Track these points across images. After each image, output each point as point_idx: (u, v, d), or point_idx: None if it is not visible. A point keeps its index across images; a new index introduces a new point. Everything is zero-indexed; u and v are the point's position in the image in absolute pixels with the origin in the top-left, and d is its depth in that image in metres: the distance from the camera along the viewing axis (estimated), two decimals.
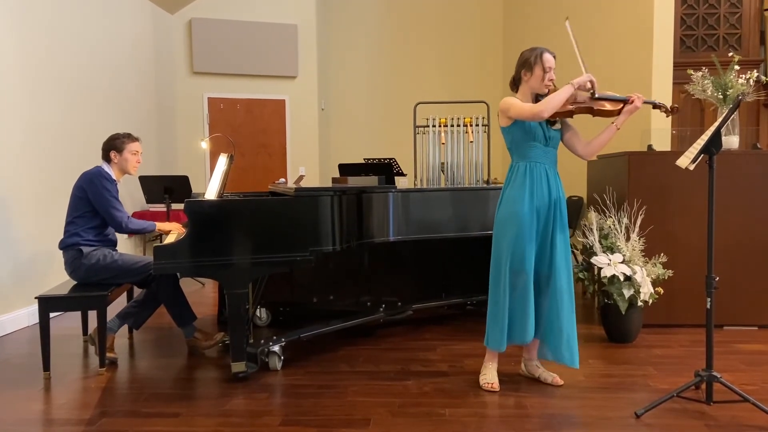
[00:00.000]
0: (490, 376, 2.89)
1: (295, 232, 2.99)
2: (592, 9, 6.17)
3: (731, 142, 3.98)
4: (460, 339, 3.71)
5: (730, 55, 3.89)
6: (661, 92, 5.29)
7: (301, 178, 5.62)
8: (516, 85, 2.91)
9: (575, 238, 5.70)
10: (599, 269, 3.53)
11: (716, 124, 2.52)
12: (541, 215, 2.79)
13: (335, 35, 7.98)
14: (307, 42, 7.35)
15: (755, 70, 3.84)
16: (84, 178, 3.36)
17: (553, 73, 2.80)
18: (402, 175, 4.77)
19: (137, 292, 3.74)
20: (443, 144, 4.61)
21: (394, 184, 3.97)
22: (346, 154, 7.61)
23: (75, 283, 3.36)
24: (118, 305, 3.96)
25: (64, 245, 3.33)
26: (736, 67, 3.81)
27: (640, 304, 3.51)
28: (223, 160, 3.48)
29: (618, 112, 2.81)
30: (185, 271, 2.92)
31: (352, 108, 8.07)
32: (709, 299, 2.57)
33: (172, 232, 3.48)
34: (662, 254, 3.67)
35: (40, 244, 4.41)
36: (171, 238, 3.30)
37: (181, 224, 3.59)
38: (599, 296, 3.66)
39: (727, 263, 3.84)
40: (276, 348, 3.19)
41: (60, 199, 4.41)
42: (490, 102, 4.81)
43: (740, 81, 3.79)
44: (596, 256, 3.60)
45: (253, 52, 7.17)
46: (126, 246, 5.72)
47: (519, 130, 2.80)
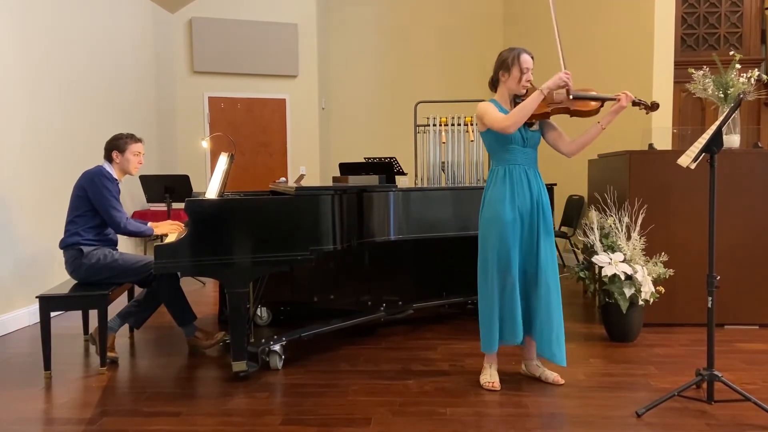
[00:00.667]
0: (490, 375, 2.89)
1: (295, 231, 2.99)
2: (593, 8, 6.17)
3: (732, 140, 3.97)
4: (461, 338, 3.71)
5: (731, 53, 3.88)
6: (661, 91, 5.29)
7: (302, 177, 5.62)
8: (494, 86, 2.90)
9: (576, 237, 5.70)
10: (600, 268, 3.53)
11: (717, 123, 2.51)
12: (525, 217, 2.79)
13: (335, 34, 7.98)
14: (307, 41, 7.34)
15: (756, 69, 3.83)
16: (84, 177, 3.36)
17: (530, 74, 2.79)
18: (402, 174, 4.77)
19: (138, 291, 3.74)
20: (444, 143, 4.60)
21: (395, 183, 3.97)
22: (346, 153, 7.60)
23: (75, 282, 3.36)
24: (119, 304, 3.96)
25: (64, 245, 3.33)
26: (737, 66, 3.80)
27: (640, 303, 3.50)
28: (223, 160, 3.48)
29: (597, 112, 2.79)
30: (186, 271, 2.93)
31: (353, 107, 8.07)
32: (711, 298, 2.57)
33: (171, 234, 3.47)
34: (663, 253, 3.67)
35: (41, 244, 4.41)
36: (172, 237, 3.30)
37: (182, 222, 3.58)
38: (600, 295, 3.65)
39: (729, 262, 3.84)
40: (277, 347, 3.19)
41: (60, 199, 4.41)
42: (488, 99, 4.79)
43: (741, 80, 3.79)
44: (597, 255, 3.59)
45: (254, 52, 7.16)
46: (126, 245, 5.72)
47: (496, 134, 2.80)
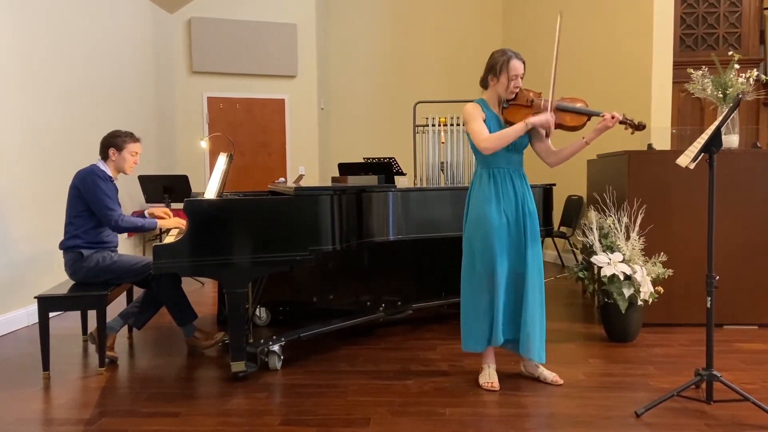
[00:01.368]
0: (489, 375, 2.89)
1: (294, 231, 2.98)
2: (592, 8, 6.17)
3: (731, 141, 3.97)
4: (460, 338, 3.69)
5: (730, 54, 3.89)
6: (660, 91, 5.30)
7: (301, 177, 5.62)
8: (485, 85, 2.90)
9: (575, 237, 5.70)
10: (599, 268, 3.53)
11: (716, 123, 2.52)
12: (511, 220, 2.79)
13: (335, 34, 7.98)
14: (306, 41, 7.34)
15: (755, 69, 3.84)
16: (78, 177, 3.34)
17: (520, 81, 2.78)
18: (402, 174, 4.76)
19: (137, 291, 3.74)
20: (443, 143, 4.60)
21: (394, 183, 3.97)
22: (345, 154, 7.60)
23: (74, 282, 3.36)
24: (118, 304, 3.96)
25: (64, 246, 3.32)
26: (736, 66, 3.80)
27: (640, 303, 3.51)
28: (222, 160, 3.48)
29: (582, 127, 2.79)
30: (185, 271, 2.92)
31: (352, 107, 8.07)
32: (710, 298, 2.57)
33: (171, 233, 3.47)
34: (662, 253, 3.67)
35: (40, 244, 4.41)
36: (170, 238, 3.29)
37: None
38: (599, 295, 3.65)
39: (728, 262, 3.84)
40: (276, 347, 3.19)
41: (59, 199, 4.40)
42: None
43: (740, 80, 3.79)
44: (596, 255, 3.59)
45: (253, 52, 7.16)
46: (126, 245, 5.72)
47: None
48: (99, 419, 2.56)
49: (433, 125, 4.63)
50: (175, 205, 5.21)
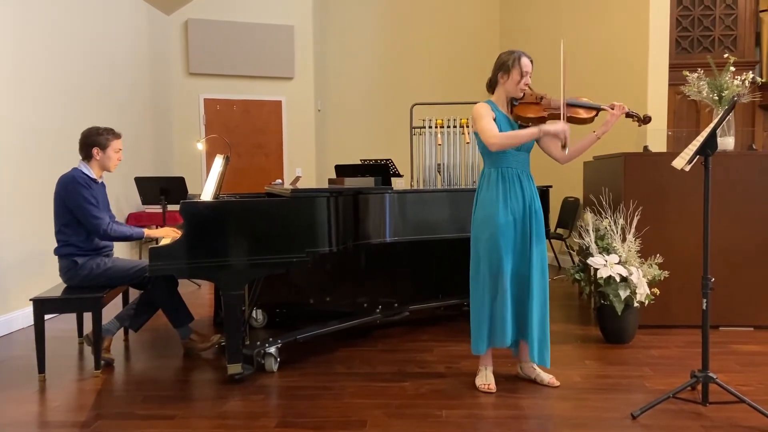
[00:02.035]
0: (486, 377, 2.89)
1: (291, 233, 2.98)
2: (588, 11, 6.19)
3: (727, 143, 3.99)
4: (457, 340, 3.70)
5: (726, 56, 3.90)
6: (656, 93, 5.31)
7: (298, 179, 5.61)
8: (492, 87, 2.91)
9: (571, 239, 5.71)
10: (595, 270, 3.54)
11: (712, 126, 2.52)
12: (518, 220, 2.80)
13: (332, 36, 7.98)
14: (303, 43, 7.34)
15: (750, 72, 3.87)
16: (60, 185, 3.26)
17: (529, 78, 2.81)
18: (398, 176, 4.76)
19: (133, 293, 3.73)
20: (440, 145, 4.61)
21: (391, 185, 3.97)
22: (342, 155, 7.61)
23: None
24: (114, 306, 3.95)
25: (59, 253, 3.29)
26: (732, 69, 3.82)
27: (636, 305, 3.51)
28: (219, 161, 3.47)
29: (592, 120, 2.81)
30: (181, 273, 2.91)
31: (349, 109, 8.07)
32: (705, 300, 2.58)
33: (165, 238, 3.44)
34: (658, 255, 3.68)
35: (34, 246, 4.39)
36: (167, 240, 3.28)
37: (176, 226, 3.57)
38: (595, 297, 3.66)
39: (723, 264, 3.85)
40: (272, 349, 3.18)
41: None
42: (484, 101, 4.81)
43: (735, 82, 3.81)
44: (592, 257, 3.60)
45: (250, 53, 7.16)
46: (122, 248, 5.71)
47: None
48: (94, 422, 2.55)
49: (430, 127, 4.64)
50: (171, 207, 5.20)
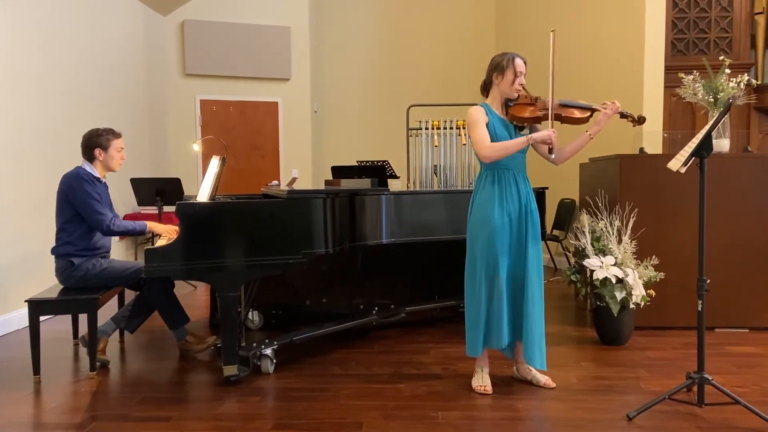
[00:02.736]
0: (482, 378, 2.89)
1: (287, 234, 2.98)
2: (584, 13, 6.20)
3: (722, 145, 4.00)
4: (453, 342, 3.70)
5: (721, 58, 3.91)
6: (652, 95, 5.32)
7: (294, 180, 5.60)
8: (486, 90, 2.92)
9: (567, 241, 5.72)
10: (591, 272, 3.54)
11: (707, 127, 2.53)
12: (514, 221, 2.80)
13: (328, 37, 7.98)
14: (300, 44, 7.34)
15: (746, 74, 3.87)
16: (64, 182, 3.28)
17: (523, 79, 2.82)
18: (395, 177, 4.77)
19: (129, 294, 3.72)
20: (436, 146, 4.61)
21: (387, 186, 3.97)
22: (338, 157, 7.60)
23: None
24: (109, 307, 3.93)
25: (56, 253, 3.29)
26: (727, 71, 3.83)
27: (632, 306, 3.52)
28: (215, 162, 3.46)
29: (587, 120, 2.82)
30: (176, 274, 2.90)
31: (345, 110, 8.07)
32: (701, 302, 2.58)
33: (163, 237, 3.43)
34: (654, 257, 3.69)
35: (30, 246, 4.38)
36: (162, 241, 3.27)
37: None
38: (591, 299, 3.66)
39: (719, 265, 3.86)
40: (268, 351, 3.18)
41: (50, 201, 4.36)
42: (479, 104, 4.82)
43: (731, 84, 3.82)
44: (588, 258, 3.60)
45: (246, 54, 7.15)
46: (117, 248, 5.69)
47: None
48: (90, 423, 2.54)
49: (427, 128, 4.64)
50: (167, 208, 5.19)
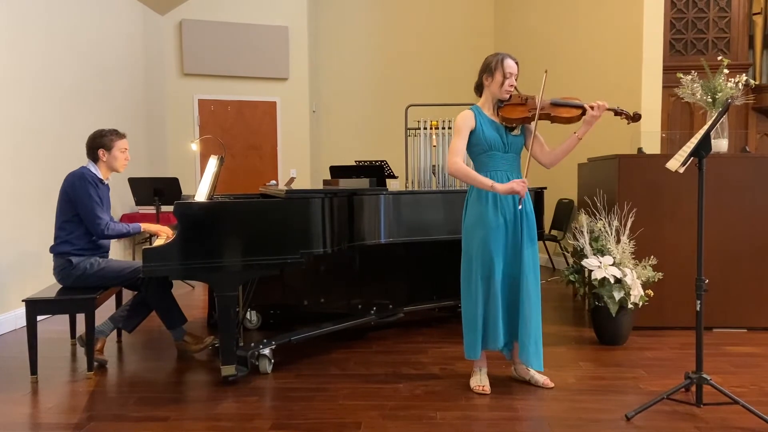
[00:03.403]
0: (480, 378, 2.89)
1: (285, 234, 2.97)
2: (582, 12, 6.21)
3: (720, 145, 4.00)
4: (452, 341, 3.70)
5: (719, 58, 3.92)
6: (650, 95, 5.33)
7: (292, 180, 5.60)
8: (479, 90, 2.91)
9: (566, 241, 5.72)
10: (590, 272, 3.54)
11: (705, 128, 2.53)
12: (509, 222, 2.80)
13: (326, 37, 7.98)
14: (298, 44, 7.33)
15: (744, 74, 3.88)
16: (68, 182, 3.29)
17: (514, 80, 2.79)
18: (393, 177, 4.77)
19: (127, 294, 3.71)
20: (434, 146, 4.61)
21: (386, 186, 3.97)
22: (337, 157, 7.60)
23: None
24: (107, 307, 3.92)
25: (54, 251, 3.28)
26: (725, 71, 3.83)
27: (630, 306, 3.52)
28: (213, 162, 3.46)
29: (578, 119, 2.81)
30: (175, 274, 2.90)
31: (344, 110, 8.06)
32: (699, 302, 2.58)
33: (161, 237, 3.43)
34: (652, 257, 3.69)
35: (27, 246, 4.36)
36: (160, 241, 3.27)
37: (170, 227, 3.55)
38: (590, 299, 3.66)
39: (717, 265, 3.86)
40: (266, 351, 3.17)
41: (48, 201, 4.37)
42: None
43: (729, 84, 3.82)
44: (587, 258, 3.60)
45: (244, 54, 7.14)
46: (115, 248, 5.68)
47: (476, 141, 2.82)
48: (87, 423, 2.53)
49: (425, 128, 4.64)
50: (165, 208, 5.17)
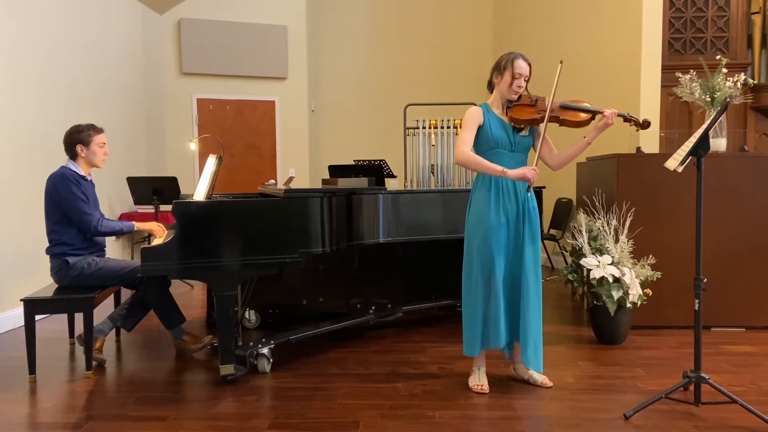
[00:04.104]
0: (479, 378, 2.89)
1: (284, 233, 2.97)
2: (581, 12, 6.20)
3: (719, 144, 4.01)
4: (450, 341, 3.70)
5: (718, 58, 3.92)
6: (649, 94, 5.33)
7: (291, 179, 5.59)
8: (491, 88, 2.92)
9: (564, 240, 5.72)
10: (588, 271, 3.54)
11: (704, 127, 2.53)
12: (511, 221, 2.79)
13: (325, 36, 7.97)
14: (297, 43, 7.33)
15: (742, 73, 3.89)
16: (50, 183, 3.25)
17: (523, 81, 2.78)
18: (392, 176, 4.77)
19: (125, 293, 3.70)
20: (433, 146, 4.61)
21: (384, 185, 3.97)
22: (336, 156, 7.59)
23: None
24: (105, 306, 3.92)
25: (50, 253, 3.27)
26: (724, 70, 3.84)
27: (628, 305, 3.52)
28: (211, 161, 3.46)
29: (587, 123, 2.81)
30: (173, 273, 2.90)
31: (343, 109, 8.06)
32: (698, 301, 2.59)
33: (158, 236, 3.42)
34: (651, 256, 3.69)
35: (25, 245, 4.36)
36: (159, 240, 3.26)
37: (168, 226, 3.54)
38: (588, 298, 3.67)
39: (715, 265, 3.86)
40: (265, 350, 3.17)
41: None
42: (479, 104, 4.82)
43: (728, 84, 3.83)
44: (585, 257, 3.61)
45: (243, 53, 7.14)
46: (114, 248, 5.67)
47: (484, 138, 2.82)
48: (86, 423, 2.53)
49: (424, 128, 4.64)
50: (163, 207, 5.17)
